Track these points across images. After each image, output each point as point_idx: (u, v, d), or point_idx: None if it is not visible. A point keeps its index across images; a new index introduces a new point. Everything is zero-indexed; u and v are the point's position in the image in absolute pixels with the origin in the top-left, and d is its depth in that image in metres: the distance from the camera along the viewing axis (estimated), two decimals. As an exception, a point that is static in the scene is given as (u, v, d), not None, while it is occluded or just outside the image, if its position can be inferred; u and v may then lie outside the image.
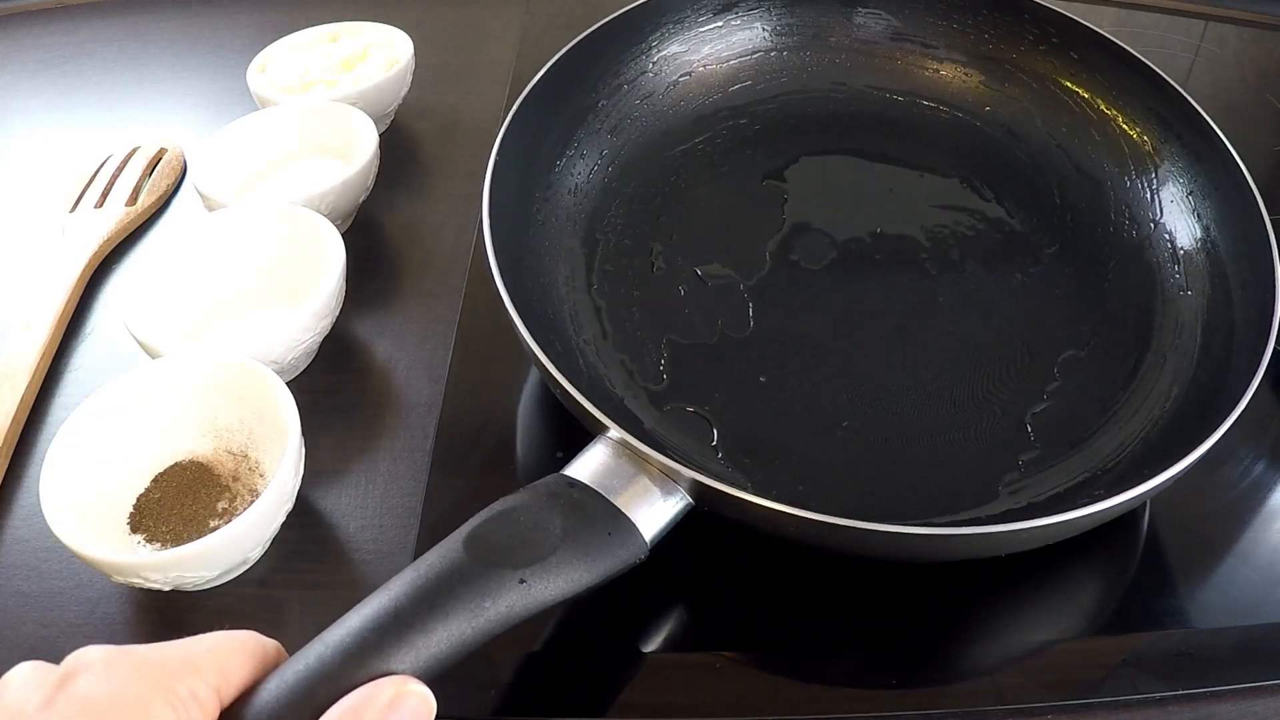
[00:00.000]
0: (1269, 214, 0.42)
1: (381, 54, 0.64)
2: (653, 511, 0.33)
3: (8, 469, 0.43)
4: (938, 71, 0.55)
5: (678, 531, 0.34)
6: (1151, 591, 0.38)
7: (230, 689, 0.26)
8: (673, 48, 0.54)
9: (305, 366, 0.47)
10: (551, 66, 0.48)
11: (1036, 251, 0.48)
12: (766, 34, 0.56)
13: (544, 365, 0.36)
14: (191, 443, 0.41)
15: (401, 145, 0.63)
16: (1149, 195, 0.48)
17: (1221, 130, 0.46)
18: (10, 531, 0.40)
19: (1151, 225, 0.47)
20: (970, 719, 0.34)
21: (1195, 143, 0.47)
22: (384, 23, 0.66)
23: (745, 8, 0.55)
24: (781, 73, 0.55)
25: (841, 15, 0.56)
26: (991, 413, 0.42)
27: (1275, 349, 0.36)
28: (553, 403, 0.45)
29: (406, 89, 0.63)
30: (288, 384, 0.40)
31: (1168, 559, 0.39)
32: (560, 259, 0.47)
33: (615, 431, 0.34)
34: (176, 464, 0.41)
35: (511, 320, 0.37)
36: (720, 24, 0.55)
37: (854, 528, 0.31)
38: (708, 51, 0.55)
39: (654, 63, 0.53)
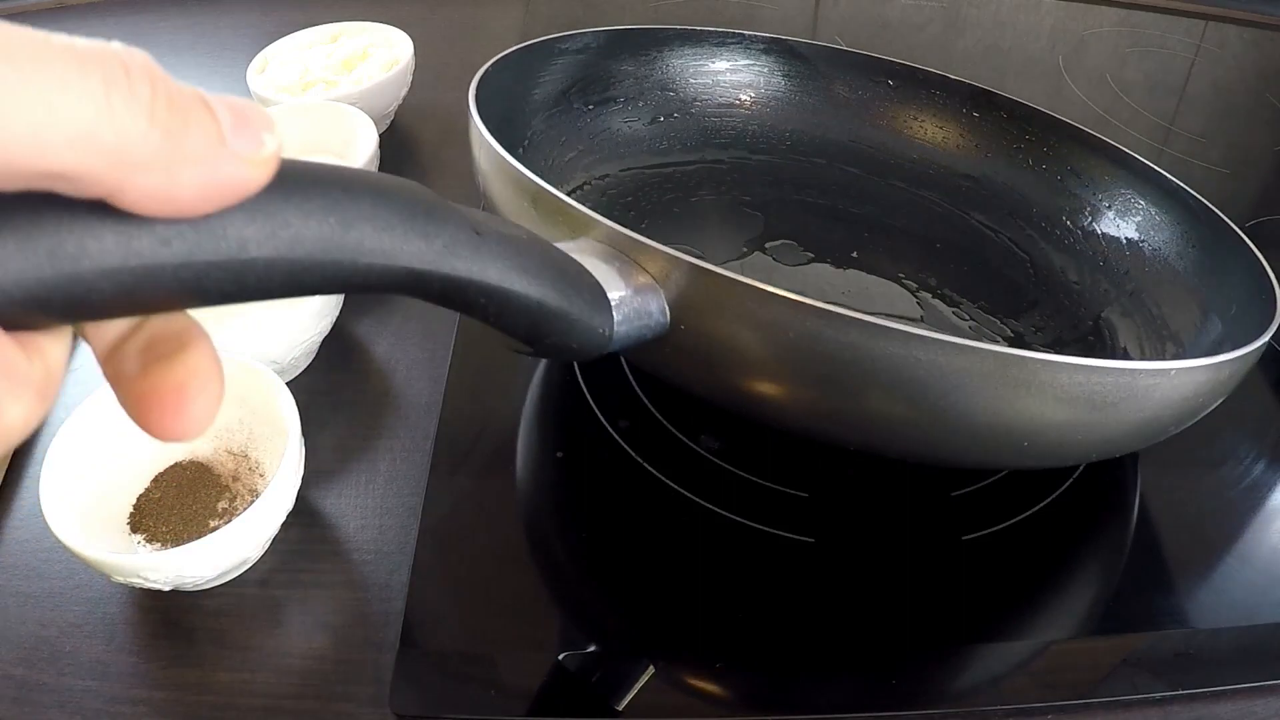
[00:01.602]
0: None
1: (381, 54, 0.64)
2: (626, 304, 0.29)
3: (8, 469, 0.43)
4: (914, 156, 0.56)
5: (675, 526, 0.34)
6: (1151, 591, 0.38)
7: None
8: (664, 84, 0.54)
9: (305, 366, 0.47)
10: (551, 39, 0.48)
11: (1015, 318, 0.48)
12: (750, 99, 0.56)
13: (515, 167, 0.34)
14: (191, 443, 0.41)
15: (401, 145, 0.63)
16: (1122, 272, 0.48)
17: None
18: (10, 531, 0.40)
19: (1127, 296, 0.47)
20: (970, 719, 0.34)
21: (1169, 209, 0.47)
22: (384, 23, 0.66)
23: (737, 70, 0.56)
24: (760, 138, 0.56)
25: (826, 96, 0.57)
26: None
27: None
28: (553, 402, 0.45)
29: (406, 89, 0.63)
30: (288, 384, 0.40)
31: (1167, 559, 0.39)
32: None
33: (602, 229, 0.30)
34: (176, 464, 0.40)
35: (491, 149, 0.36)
36: (709, 80, 0.56)
37: (855, 320, 0.27)
38: (694, 101, 0.55)
39: (644, 91, 0.54)
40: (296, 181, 0.18)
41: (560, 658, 0.36)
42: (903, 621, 0.37)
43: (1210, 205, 0.44)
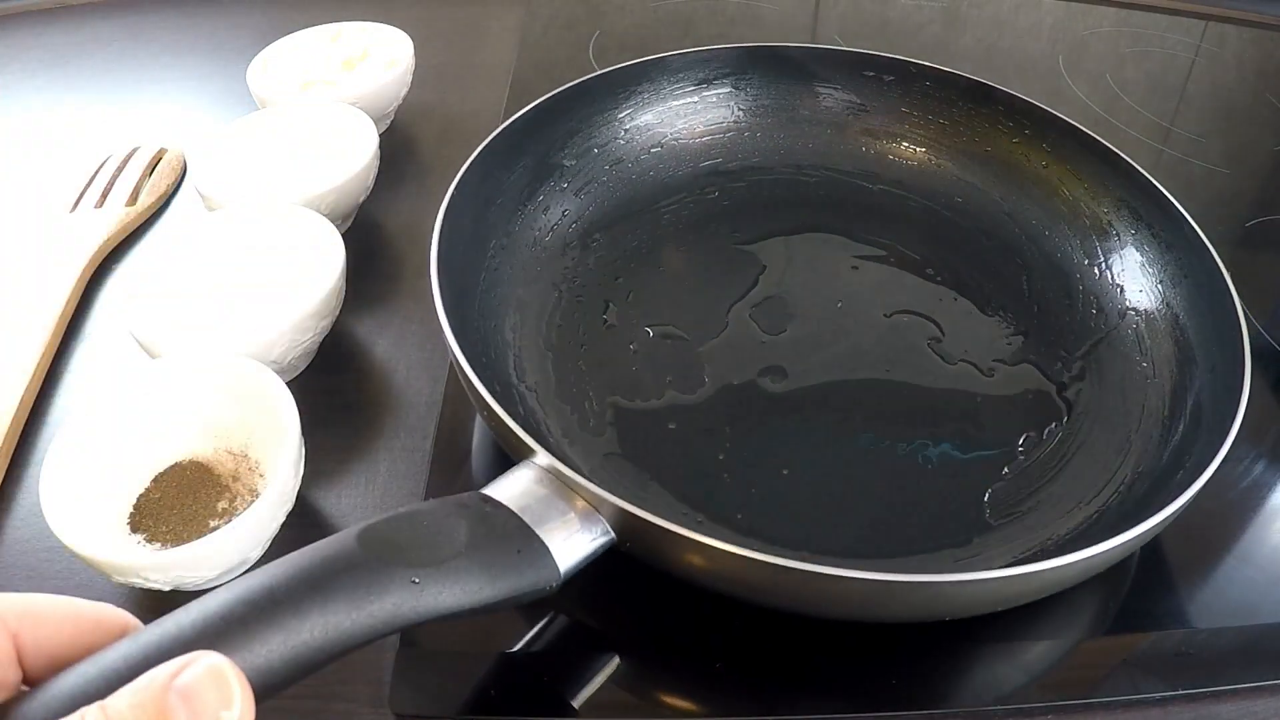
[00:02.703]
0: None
1: (381, 54, 0.64)
2: (569, 540, 0.32)
3: (8, 469, 0.43)
4: (909, 160, 0.55)
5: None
6: (1151, 591, 0.38)
7: (39, 651, 0.21)
8: (646, 118, 0.54)
9: (305, 366, 0.47)
10: (520, 118, 0.48)
11: (1002, 338, 0.47)
12: (740, 113, 0.56)
13: (469, 377, 0.35)
14: (191, 443, 0.41)
15: (401, 145, 0.63)
16: (1118, 286, 0.48)
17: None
18: (10, 531, 0.40)
19: (1119, 316, 0.47)
20: (970, 719, 0.34)
21: (1166, 232, 0.47)
22: (384, 23, 0.66)
23: (720, 85, 0.55)
24: (753, 152, 0.56)
25: (815, 101, 0.56)
26: (949, 484, 0.40)
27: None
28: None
29: (406, 89, 0.63)
30: (288, 384, 0.40)
31: (1168, 559, 0.39)
32: (510, 306, 0.46)
33: (542, 457, 0.33)
34: (176, 464, 0.40)
35: (446, 340, 0.37)
36: (695, 99, 0.55)
37: (791, 569, 0.30)
38: (681, 125, 0.55)
39: (626, 130, 0.54)
40: (259, 619, 0.23)
41: (538, 656, 0.36)
42: (903, 621, 0.37)
43: (1218, 260, 0.43)
